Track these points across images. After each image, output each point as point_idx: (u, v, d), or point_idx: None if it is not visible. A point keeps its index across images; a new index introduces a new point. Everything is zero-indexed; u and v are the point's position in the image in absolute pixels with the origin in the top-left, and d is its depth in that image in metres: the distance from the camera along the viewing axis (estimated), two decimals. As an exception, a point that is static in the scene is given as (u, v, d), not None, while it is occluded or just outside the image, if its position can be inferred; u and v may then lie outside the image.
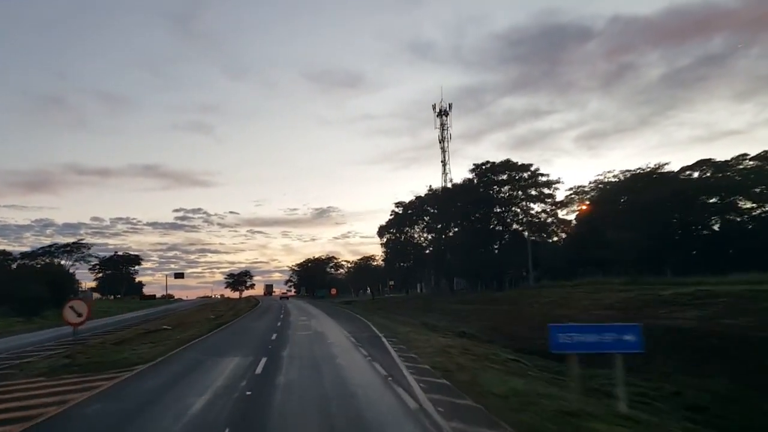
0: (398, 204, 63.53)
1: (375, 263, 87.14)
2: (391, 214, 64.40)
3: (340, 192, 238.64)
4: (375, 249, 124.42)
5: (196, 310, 67.20)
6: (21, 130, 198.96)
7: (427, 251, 65.65)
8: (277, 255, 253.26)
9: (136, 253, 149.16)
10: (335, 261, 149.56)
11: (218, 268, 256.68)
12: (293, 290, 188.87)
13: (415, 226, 64.08)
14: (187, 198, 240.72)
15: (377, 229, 67.71)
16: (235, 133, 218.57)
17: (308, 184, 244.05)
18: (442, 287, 77.46)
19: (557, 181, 49.84)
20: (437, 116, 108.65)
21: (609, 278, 41.71)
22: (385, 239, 68.08)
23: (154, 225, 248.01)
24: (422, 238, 64.41)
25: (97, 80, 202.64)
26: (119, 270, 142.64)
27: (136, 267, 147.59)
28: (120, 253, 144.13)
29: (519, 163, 50.20)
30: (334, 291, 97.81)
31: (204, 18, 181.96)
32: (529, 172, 49.44)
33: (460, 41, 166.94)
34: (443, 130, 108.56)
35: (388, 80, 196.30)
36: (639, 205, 43.26)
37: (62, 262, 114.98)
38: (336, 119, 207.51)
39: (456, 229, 56.40)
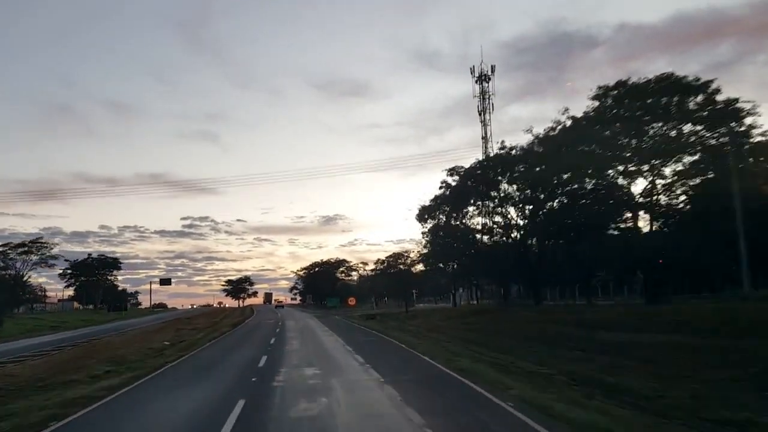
0: (452, 171, 42.33)
1: (405, 265, 65.52)
2: (441, 186, 42.87)
3: (346, 200, 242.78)
4: (382, 256, 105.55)
5: (156, 330, 46.28)
6: (29, 138, 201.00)
7: (489, 242, 44.16)
8: (284, 263, 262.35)
9: (114, 256, 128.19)
10: (347, 264, 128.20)
11: (225, 275, 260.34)
12: (299, 298, 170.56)
13: (475, 205, 42.67)
14: (194, 206, 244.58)
15: (417, 212, 46.41)
16: (242, 141, 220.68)
17: (315, 192, 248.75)
18: (509, 296, 56.23)
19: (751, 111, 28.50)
20: (476, 82, 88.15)
21: None
22: (428, 226, 46.68)
23: (161, 233, 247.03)
24: (486, 224, 42.96)
25: (104, 89, 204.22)
26: (96, 276, 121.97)
27: (114, 272, 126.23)
28: (95, 256, 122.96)
29: (682, 79, 28.91)
30: (352, 301, 75.30)
31: (211, 27, 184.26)
32: (703, 95, 28.14)
33: (467, 49, 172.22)
34: (483, 98, 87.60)
35: (394, 89, 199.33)
36: None
37: (18, 264, 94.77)
38: (342, 127, 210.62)
39: (551, 205, 34.89)
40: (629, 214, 33.46)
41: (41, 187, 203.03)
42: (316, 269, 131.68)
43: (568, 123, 32.92)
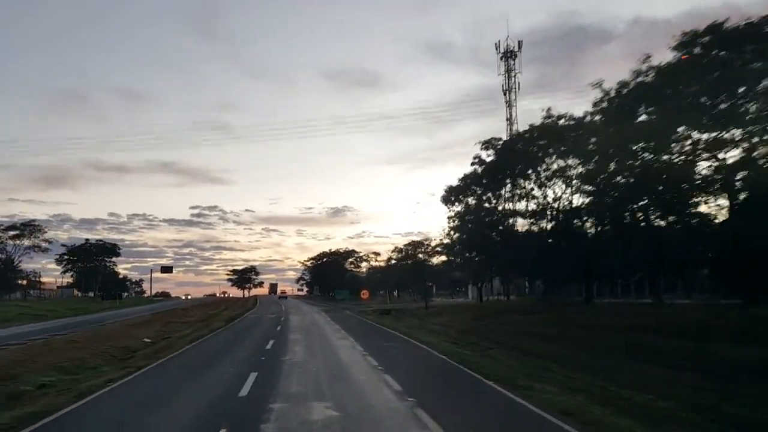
0: (487, 144, 35.49)
1: (426, 254, 58.86)
2: (474, 161, 36.01)
3: (355, 191, 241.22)
4: (387, 249, 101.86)
5: (144, 323, 40.50)
6: (41, 125, 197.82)
7: (530, 226, 37.70)
8: (291, 253, 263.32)
9: (113, 242, 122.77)
10: (356, 255, 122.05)
11: (232, 265, 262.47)
12: (305, 290, 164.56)
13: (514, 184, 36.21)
14: (203, 195, 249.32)
15: (444, 193, 39.75)
16: (253, 131, 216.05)
17: (324, 183, 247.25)
18: (535, 290, 49.80)
19: None
20: (501, 58, 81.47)
21: None
22: (456, 210, 40.22)
23: (170, 222, 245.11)
24: (527, 207, 36.44)
25: (117, 77, 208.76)
26: (95, 262, 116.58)
27: (114, 258, 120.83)
28: (93, 241, 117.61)
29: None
30: (365, 294, 67.66)
31: (224, 17, 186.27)
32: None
33: (479, 42, 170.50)
34: (509, 76, 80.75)
35: (406, 80, 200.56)
36: None
37: (9, 248, 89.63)
38: (353, 119, 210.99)
39: (617, 181, 28.05)
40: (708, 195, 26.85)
41: (52, 174, 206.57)
42: (324, 259, 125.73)
43: (643, 80, 26.22)
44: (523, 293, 73.38)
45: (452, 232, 42.50)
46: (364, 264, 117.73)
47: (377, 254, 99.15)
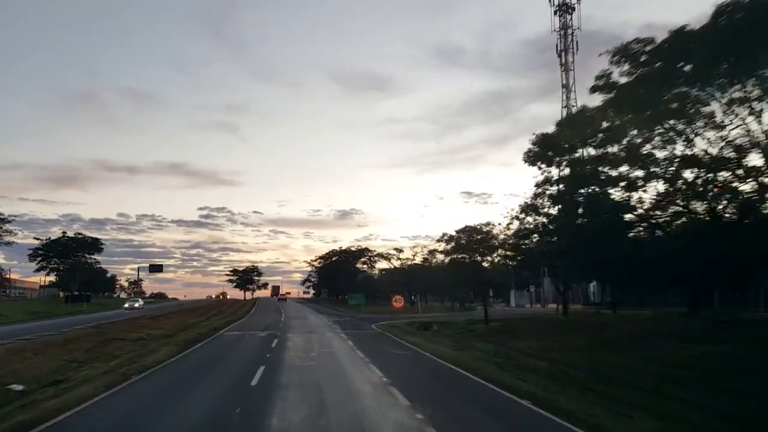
0: (623, 52, 20.95)
1: (496, 240, 43.11)
2: (597, 88, 20.71)
3: (363, 194, 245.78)
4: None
5: (66, 341, 26.20)
6: (51, 125, 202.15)
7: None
8: (298, 255, 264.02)
9: (94, 236, 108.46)
10: (369, 254, 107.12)
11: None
12: (311, 292, 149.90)
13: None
14: (211, 197, 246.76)
15: (531, 145, 24.26)
16: (261, 133, 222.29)
17: (332, 186, 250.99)
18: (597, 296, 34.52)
19: None
20: (555, 13, 66.76)
21: None
22: (549, 173, 25.36)
23: (178, 222, 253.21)
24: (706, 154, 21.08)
25: (127, 78, 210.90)
26: (74, 258, 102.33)
27: (96, 255, 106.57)
28: (70, 234, 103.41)
29: None
30: (398, 302, 46.50)
31: (234, 20, 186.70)
32: None
33: (489, 47, 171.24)
34: (565, 35, 65.94)
35: (415, 84, 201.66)
36: None
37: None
38: (361, 122, 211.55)
39: None
40: None
41: (62, 174, 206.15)
42: (334, 258, 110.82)
43: None
44: (588, 299, 58.56)
45: (546, 206, 27.33)
46: (381, 263, 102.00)
47: (399, 251, 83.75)
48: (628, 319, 29.10)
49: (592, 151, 24.01)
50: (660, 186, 23.20)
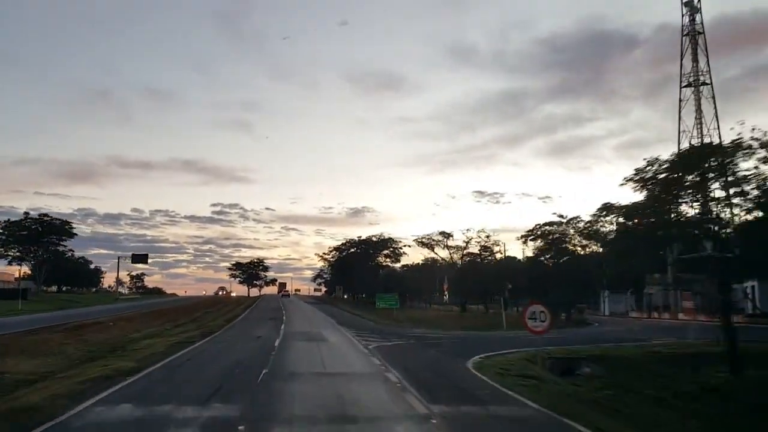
0: None
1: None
2: None
3: (375, 193, 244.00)
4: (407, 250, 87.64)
5: None
6: (68, 121, 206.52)
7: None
8: (310, 252, 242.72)
9: (62, 218, 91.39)
10: (393, 246, 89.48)
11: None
12: (323, 289, 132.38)
13: None
14: (225, 193, 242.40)
15: None
16: (275, 131, 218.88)
17: (344, 184, 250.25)
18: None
19: None
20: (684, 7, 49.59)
21: None
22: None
23: (191, 218, 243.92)
24: None
25: (143, 76, 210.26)
26: (38, 244, 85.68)
27: (67, 240, 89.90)
28: (33, 215, 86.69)
29: None
30: (537, 318, 25.74)
31: (251, 19, 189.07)
32: None
33: (503, 46, 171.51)
34: (693, 33, 47.90)
35: (428, 84, 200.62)
36: None
37: None
38: (375, 121, 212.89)
39: None
40: None
41: (77, 169, 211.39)
42: (351, 250, 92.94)
43: None
44: (737, 307, 40.32)
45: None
46: (407, 257, 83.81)
47: (449, 236, 66.83)
48: None
49: None
50: None
